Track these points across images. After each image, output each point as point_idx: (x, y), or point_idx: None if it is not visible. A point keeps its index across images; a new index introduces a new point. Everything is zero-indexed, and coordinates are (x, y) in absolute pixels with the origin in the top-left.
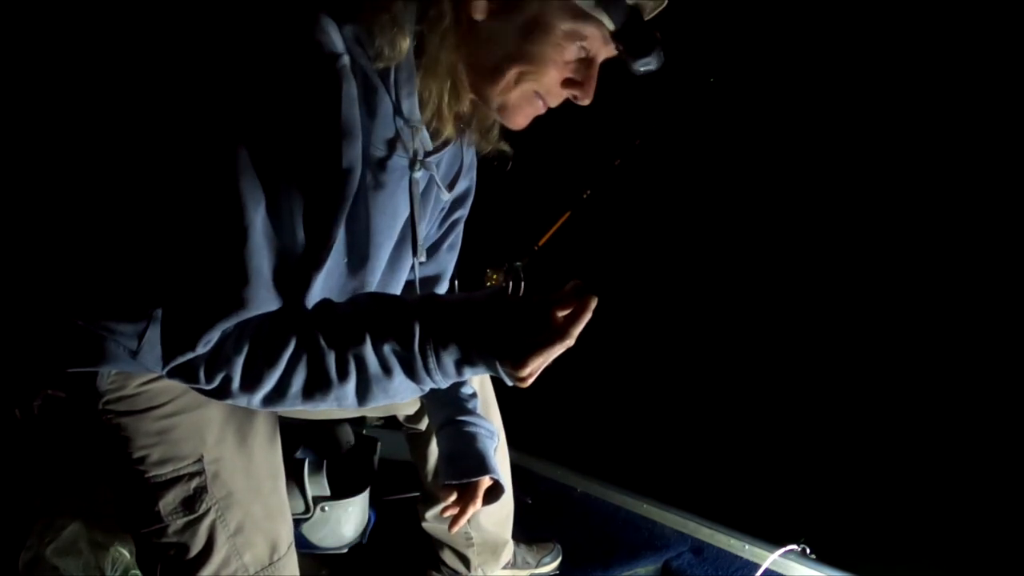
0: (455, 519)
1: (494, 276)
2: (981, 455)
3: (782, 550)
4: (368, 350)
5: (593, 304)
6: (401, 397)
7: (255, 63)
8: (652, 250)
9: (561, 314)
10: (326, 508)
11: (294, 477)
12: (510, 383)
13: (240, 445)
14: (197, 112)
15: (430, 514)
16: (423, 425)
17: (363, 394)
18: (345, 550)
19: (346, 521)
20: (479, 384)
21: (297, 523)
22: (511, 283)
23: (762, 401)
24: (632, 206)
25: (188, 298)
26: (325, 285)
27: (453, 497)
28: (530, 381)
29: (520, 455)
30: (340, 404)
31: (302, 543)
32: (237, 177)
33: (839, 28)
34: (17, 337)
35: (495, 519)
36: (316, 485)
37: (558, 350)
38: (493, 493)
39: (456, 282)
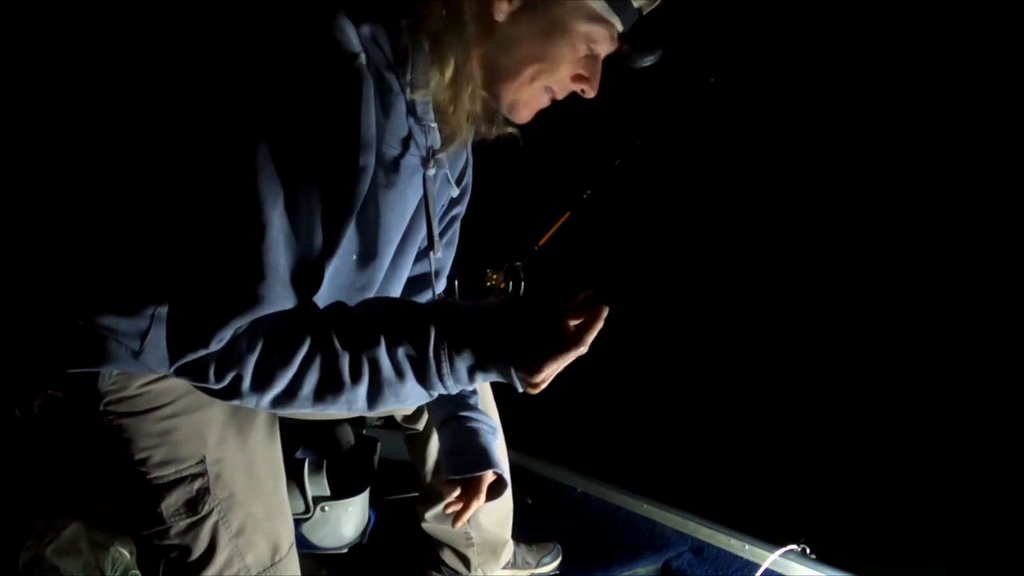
0: (458, 515)
1: (494, 276)
2: (981, 455)
3: (782, 550)
4: (383, 353)
5: (605, 312)
6: (410, 402)
7: (275, 62)
8: (652, 250)
9: (573, 323)
10: (326, 508)
11: (294, 477)
12: (522, 389)
13: (241, 445)
14: (216, 110)
15: (430, 514)
16: (421, 425)
17: (374, 397)
18: (345, 550)
19: (346, 521)
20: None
21: (297, 523)
22: (511, 283)
23: (762, 401)
24: (632, 206)
25: (202, 294)
26: (333, 283)
27: (456, 492)
28: (542, 387)
29: (520, 455)
30: (350, 407)
31: (302, 543)
32: (256, 174)
33: (839, 28)
34: (17, 337)
35: (495, 519)
36: (316, 485)
37: (572, 356)
38: (496, 488)
39: (456, 281)
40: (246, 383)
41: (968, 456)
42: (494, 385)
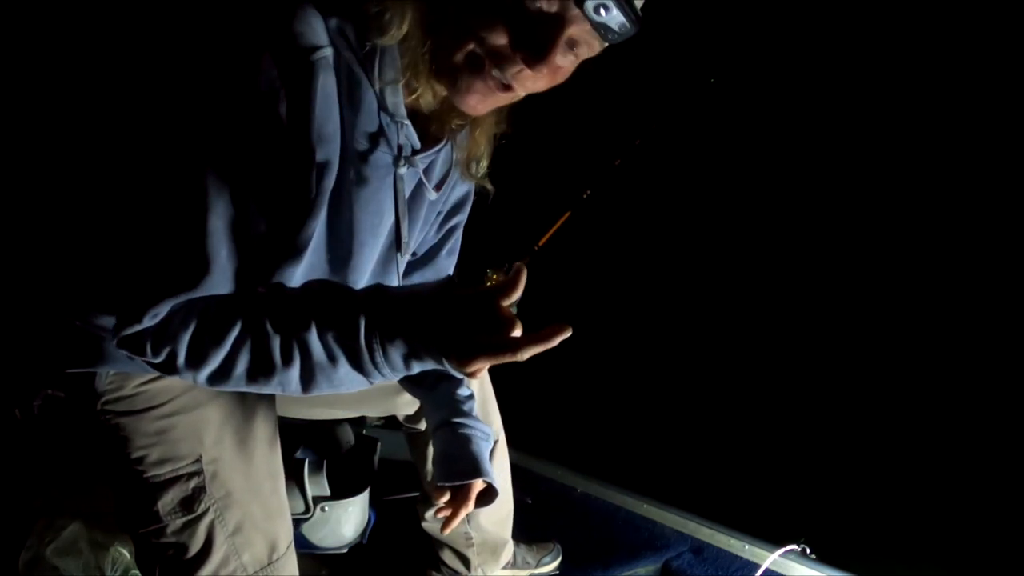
0: (447, 521)
1: (494, 276)
2: (981, 455)
3: (782, 550)
4: (313, 337)
5: (562, 336)
6: (347, 387)
7: (228, 53)
8: (652, 250)
9: (506, 303)
10: (326, 508)
11: (294, 477)
12: (459, 377)
13: (239, 446)
14: (172, 102)
15: (430, 514)
16: (423, 425)
17: (307, 381)
18: (345, 550)
19: (346, 521)
20: (478, 384)
21: (297, 523)
22: None
23: (761, 401)
24: (632, 206)
25: (141, 272)
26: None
27: (446, 498)
28: (478, 376)
29: (520, 455)
30: (284, 389)
31: (302, 543)
32: (203, 161)
33: (839, 28)
34: (17, 337)
35: (495, 519)
36: (316, 485)
37: (504, 360)
38: (486, 496)
39: None
40: (181, 359)
41: (967, 456)
42: (495, 385)
